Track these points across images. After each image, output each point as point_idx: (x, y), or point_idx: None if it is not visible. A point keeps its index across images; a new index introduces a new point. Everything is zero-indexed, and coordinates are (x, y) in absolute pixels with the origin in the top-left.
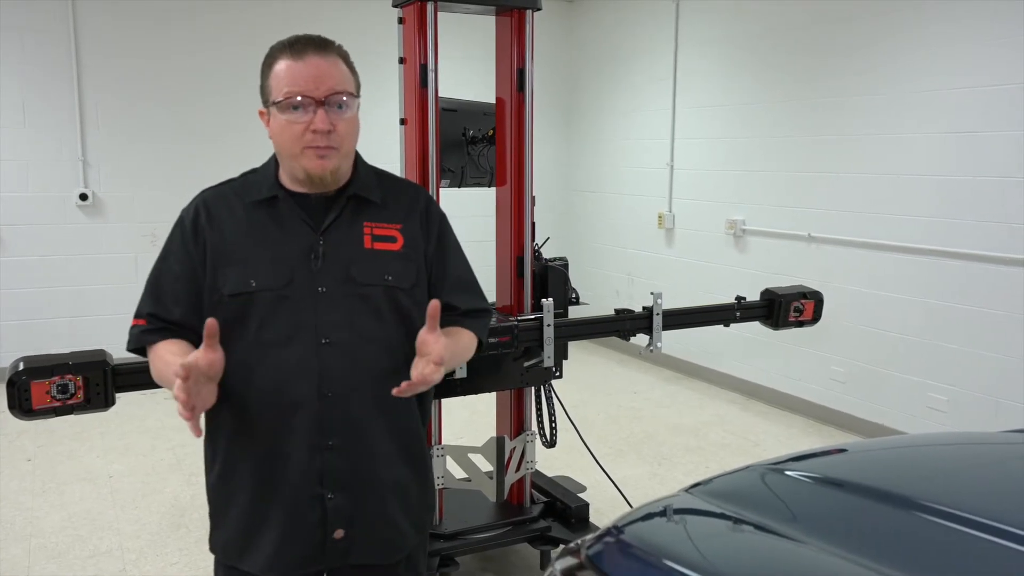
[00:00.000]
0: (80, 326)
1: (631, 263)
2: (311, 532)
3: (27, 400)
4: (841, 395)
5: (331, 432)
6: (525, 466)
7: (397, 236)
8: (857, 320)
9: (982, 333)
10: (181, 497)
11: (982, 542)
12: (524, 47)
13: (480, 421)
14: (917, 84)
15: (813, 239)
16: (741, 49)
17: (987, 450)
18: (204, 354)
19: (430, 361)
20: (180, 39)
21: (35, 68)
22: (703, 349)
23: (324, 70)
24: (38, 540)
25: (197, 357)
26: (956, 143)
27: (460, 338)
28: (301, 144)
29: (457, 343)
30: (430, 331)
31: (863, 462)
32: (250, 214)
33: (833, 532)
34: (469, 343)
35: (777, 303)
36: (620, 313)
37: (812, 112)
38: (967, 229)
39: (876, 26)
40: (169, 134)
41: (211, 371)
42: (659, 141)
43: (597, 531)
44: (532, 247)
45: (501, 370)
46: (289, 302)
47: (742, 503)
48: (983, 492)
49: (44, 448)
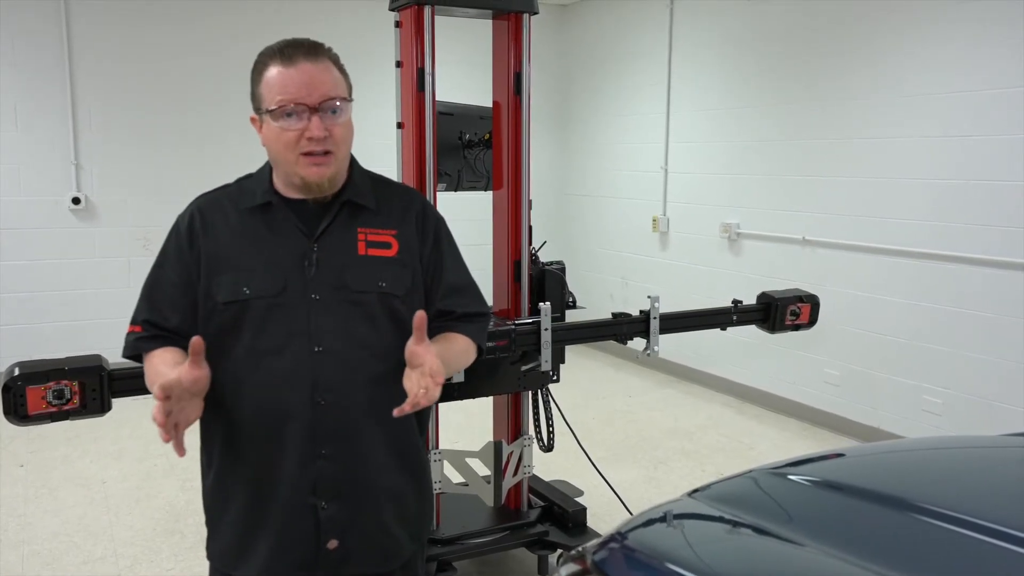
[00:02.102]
0: (73, 330)
1: (626, 267)
2: (304, 542)
3: (23, 406)
4: (836, 398)
5: (324, 440)
6: (522, 470)
7: (392, 242)
8: (851, 323)
9: (976, 336)
10: (175, 503)
11: (980, 544)
12: (521, 51)
13: (477, 425)
14: (910, 88)
15: (807, 242)
16: (735, 53)
17: (984, 453)
18: (188, 371)
19: (425, 374)
20: (173, 43)
21: (27, 71)
22: (698, 352)
23: (316, 76)
24: (31, 546)
25: (180, 375)
26: (949, 147)
27: (454, 344)
28: (296, 152)
29: (450, 350)
30: (418, 342)
31: (863, 466)
32: (244, 220)
33: (834, 535)
34: (465, 348)
35: (774, 307)
36: (617, 317)
37: (806, 116)
38: (960, 232)
39: (869, 30)
40: (162, 138)
41: (195, 388)
42: (654, 145)
43: (601, 537)
44: (529, 251)
45: (498, 374)
46: (282, 309)
47: (744, 507)
48: (981, 495)
49: (37, 453)
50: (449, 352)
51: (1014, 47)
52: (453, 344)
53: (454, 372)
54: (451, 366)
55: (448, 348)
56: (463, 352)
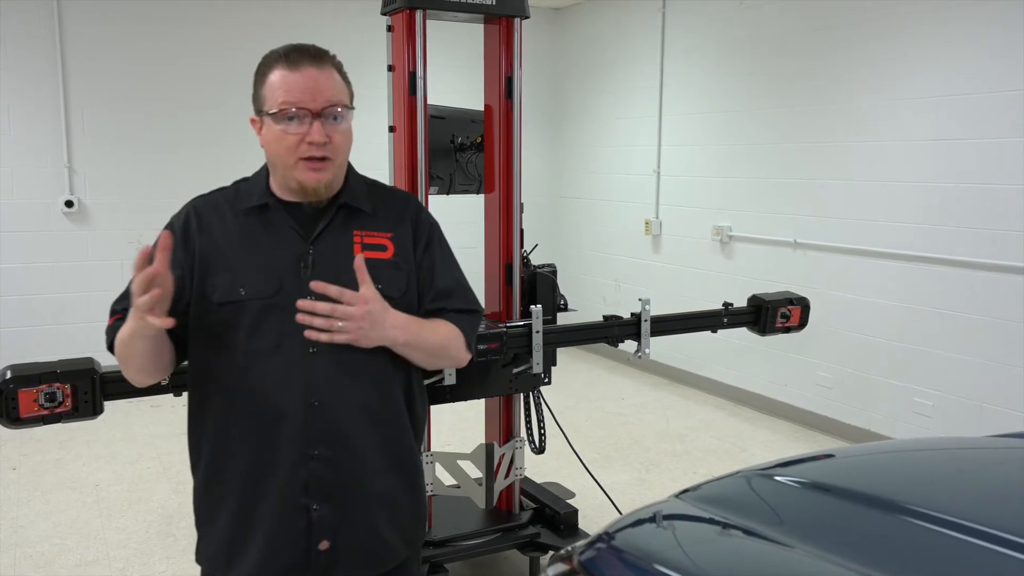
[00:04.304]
0: (66, 333)
1: (618, 269)
2: (296, 543)
3: (15, 409)
4: (827, 400)
5: (317, 441)
6: (514, 472)
7: (388, 244)
8: (843, 326)
9: (966, 338)
10: (168, 506)
11: (969, 546)
12: (512, 55)
13: (469, 428)
14: (900, 92)
15: (799, 245)
16: (727, 57)
17: (973, 454)
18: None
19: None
20: (166, 46)
21: (20, 74)
22: (690, 355)
23: (320, 82)
24: (23, 549)
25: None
26: (939, 150)
27: (435, 324)
28: (296, 155)
29: (426, 325)
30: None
31: (851, 467)
32: (241, 222)
33: (822, 536)
34: (447, 333)
35: (764, 309)
36: (608, 320)
37: (797, 119)
38: (949, 235)
39: (860, 34)
40: (155, 141)
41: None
42: (646, 148)
43: (588, 537)
44: (521, 254)
45: (490, 377)
46: (278, 311)
47: (732, 508)
48: (969, 496)
49: (29, 456)
50: (423, 325)
51: (1003, 51)
52: (433, 324)
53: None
54: (425, 337)
55: (425, 322)
56: (443, 336)
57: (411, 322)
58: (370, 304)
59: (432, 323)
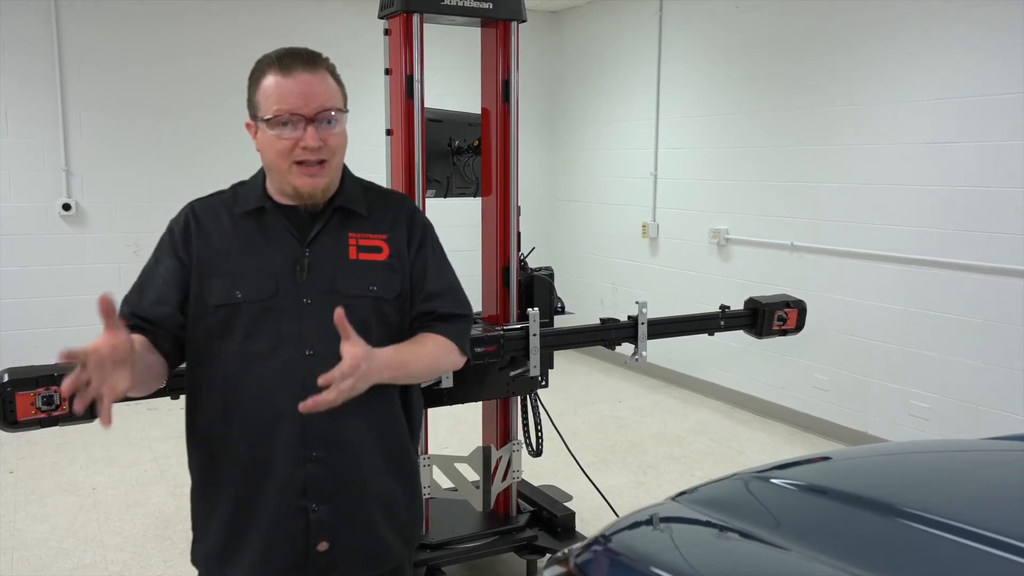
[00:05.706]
0: (63, 336)
1: (615, 272)
2: (294, 544)
3: (12, 412)
4: (824, 403)
5: (315, 443)
6: (511, 475)
7: (383, 246)
8: (839, 328)
9: (962, 341)
10: (165, 509)
11: (965, 548)
12: (509, 58)
13: (466, 430)
14: (898, 94)
15: (796, 248)
16: (724, 60)
17: (969, 457)
18: (105, 339)
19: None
20: (164, 49)
21: (18, 77)
22: (687, 358)
23: (313, 86)
24: (20, 553)
25: (97, 343)
26: (936, 153)
27: (421, 345)
28: (290, 160)
29: (412, 350)
30: (344, 340)
31: (847, 469)
32: (237, 225)
33: (818, 539)
34: (437, 348)
35: (761, 312)
36: (605, 322)
37: (794, 122)
38: (945, 238)
39: (857, 37)
40: (153, 144)
41: (116, 355)
42: (643, 151)
43: (585, 540)
44: (518, 257)
45: (487, 379)
46: (274, 313)
47: (728, 511)
48: (966, 499)
49: (26, 460)
50: (410, 352)
51: (1001, 54)
52: (420, 345)
53: (423, 372)
54: (413, 365)
55: (411, 348)
56: (433, 354)
57: (396, 355)
58: (359, 360)
59: (419, 344)
